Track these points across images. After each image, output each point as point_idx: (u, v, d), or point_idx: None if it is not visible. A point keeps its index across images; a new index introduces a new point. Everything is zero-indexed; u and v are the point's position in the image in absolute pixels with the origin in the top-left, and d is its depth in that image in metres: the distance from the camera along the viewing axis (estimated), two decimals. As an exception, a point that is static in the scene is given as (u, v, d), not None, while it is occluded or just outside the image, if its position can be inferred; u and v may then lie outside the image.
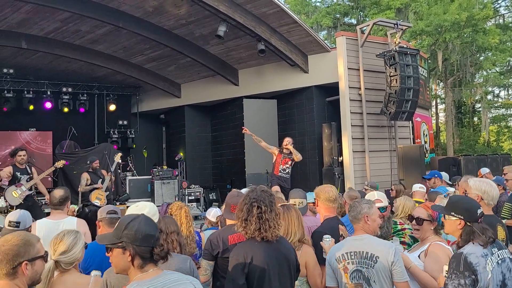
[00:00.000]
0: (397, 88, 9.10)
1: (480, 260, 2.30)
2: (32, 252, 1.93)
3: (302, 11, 23.46)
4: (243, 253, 2.52)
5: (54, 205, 3.84)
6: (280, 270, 2.55)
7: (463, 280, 2.24)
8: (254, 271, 2.47)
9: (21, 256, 1.88)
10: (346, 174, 9.80)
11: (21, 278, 1.88)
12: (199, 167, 13.49)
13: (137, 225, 1.95)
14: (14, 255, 1.87)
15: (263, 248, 2.53)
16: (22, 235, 1.97)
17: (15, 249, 1.88)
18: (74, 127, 12.44)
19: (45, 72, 12.58)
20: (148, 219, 2.04)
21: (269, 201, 2.60)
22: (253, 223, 2.53)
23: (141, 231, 1.93)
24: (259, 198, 2.58)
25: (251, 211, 2.55)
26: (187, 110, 13.63)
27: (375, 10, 21.73)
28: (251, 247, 2.54)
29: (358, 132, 9.94)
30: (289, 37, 10.04)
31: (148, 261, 1.94)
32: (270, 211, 2.55)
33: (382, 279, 2.66)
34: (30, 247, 1.93)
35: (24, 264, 1.88)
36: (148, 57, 11.95)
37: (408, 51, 9.34)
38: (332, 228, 3.30)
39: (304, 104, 11.05)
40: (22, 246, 1.90)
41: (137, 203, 2.43)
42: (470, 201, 2.59)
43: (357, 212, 2.88)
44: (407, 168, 9.35)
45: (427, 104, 13.53)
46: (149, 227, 1.98)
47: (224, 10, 8.70)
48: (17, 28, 10.04)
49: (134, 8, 9.33)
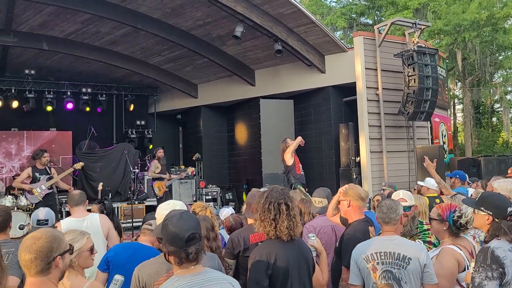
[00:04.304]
0: (416, 88, 9.01)
1: (508, 254, 2.32)
2: (62, 246, 1.98)
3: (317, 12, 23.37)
4: (266, 254, 2.46)
5: (74, 203, 3.92)
6: (300, 270, 2.53)
7: (490, 273, 2.26)
8: (278, 272, 2.43)
9: (54, 251, 1.92)
10: (364, 175, 9.74)
11: (54, 273, 1.92)
12: (215, 167, 13.56)
13: (171, 223, 1.98)
14: (49, 251, 1.91)
15: (286, 248, 2.50)
16: (50, 231, 2.01)
17: (49, 245, 1.92)
18: (93, 127, 12.61)
19: (65, 73, 12.81)
20: (183, 219, 2.01)
21: (290, 199, 2.59)
22: (285, 221, 2.48)
23: (172, 232, 1.95)
24: (283, 196, 2.55)
25: (279, 209, 2.50)
26: (204, 110, 13.71)
27: (392, 10, 21.52)
28: (274, 247, 2.50)
29: (375, 133, 9.87)
30: (306, 37, 10.03)
31: (184, 260, 1.95)
32: (294, 207, 2.55)
33: (414, 280, 2.66)
34: (61, 242, 1.98)
35: (58, 259, 1.93)
36: (165, 58, 12.08)
37: (426, 51, 9.24)
38: (363, 231, 3.18)
39: (321, 104, 11.02)
40: (54, 241, 1.94)
41: (168, 201, 2.44)
42: (501, 198, 2.59)
43: (397, 214, 2.83)
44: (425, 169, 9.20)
45: (445, 104, 13.36)
46: (180, 228, 1.96)
47: (241, 11, 8.74)
48: (39, 30, 10.26)
49: (152, 9, 9.44)
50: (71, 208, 3.91)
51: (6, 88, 12.08)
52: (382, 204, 2.91)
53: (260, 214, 2.55)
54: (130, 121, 14.20)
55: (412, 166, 10.00)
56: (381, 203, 2.92)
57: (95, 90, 13.36)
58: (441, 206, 3.00)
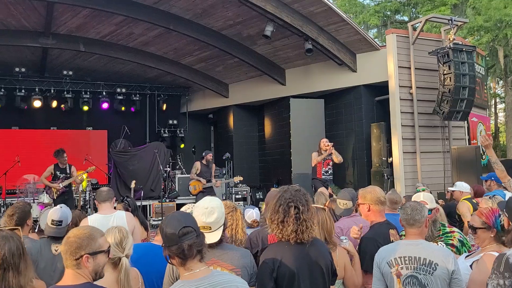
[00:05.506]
0: (451, 87, 8.71)
1: None
2: (94, 246, 2.01)
3: (350, 11, 22.99)
4: (272, 256, 2.42)
5: (102, 199, 4.03)
6: (311, 274, 2.43)
7: (502, 281, 2.13)
8: (283, 275, 2.37)
9: (82, 249, 1.97)
10: (396, 176, 9.51)
11: (83, 269, 1.98)
12: (246, 167, 13.60)
13: (163, 226, 1.99)
14: (77, 247, 1.97)
15: (294, 252, 2.43)
16: (88, 229, 2.07)
17: (78, 242, 1.98)
18: (127, 126, 12.94)
19: (101, 74, 13.21)
20: (173, 217, 2.02)
21: (305, 200, 2.49)
22: (291, 224, 2.41)
23: (165, 232, 1.95)
24: (295, 197, 2.46)
25: (287, 211, 2.43)
26: (235, 110, 13.78)
27: (429, 6, 20.88)
28: (281, 250, 2.44)
29: (408, 133, 9.61)
30: (337, 35, 9.89)
31: (182, 257, 1.93)
32: (307, 211, 2.46)
33: (441, 286, 2.57)
34: (92, 241, 2.01)
35: (85, 257, 1.97)
36: (197, 58, 12.22)
37: (463, 48, 8.91)
38: (383, 234, 3.14)
39: (352, 103, 10.84)
40: (84, 239, 1.99)
41: (206, 203, 2.40)
42: None
43: (421, 216, 2.73)
44: (461, 171, 8.91)
45: (484, 103, 12.84)
46: (170, 227, 1.95)
47: (271, 10, 8.72)
48: (76, 32, 10.61)
49: (184, 10, 9.57)
50: (99, 204, 4.02)
51: (45, 88, 12.59)
52: (406, 205, 2.81)
53: (271, 215, 2.51)
54: (162, 120, 14.49)
55: (448, 167, 9.68)
56: (405, 205, 2.83)
57: (129, 90, 13.71)
58: (482, 212, 2.77)
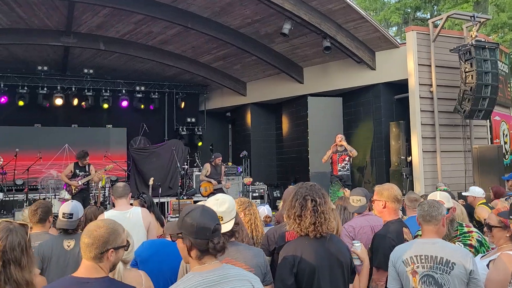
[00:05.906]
0: (473, 85, 8.51)
1: None
2: (118, 241, 2.06)
3: (370, 8, 22.74)
4: (292, 252, 2.41)
5: (118, 195, 4.08)
6: (331, 271, 2.42)
7: None
8: (303, 271, 2.36)
9: (109, 244, 2.01)
10: (415, 175, 9.36)
11: (105, 262, 2.02)
12: (263, 165, 13.60)
13: (194, 217, 1.95)
14: (104, 241, 2.00)
15: (314, 247, 2.42)
16: (112, 223, 2.11)
17: (106, 236, 2.01)
18: (146, 124, 13.09)
19: (121, 72, 13.39)
20: (206, 211, 2.01)
21: (321, 193, 2.50)
22: (308, 217, 2.41)
23: (197, 224, 1.92)
24: (311, 191, 2.48)
25: (305, 205, 2.44)
26: (253, 108, 13.79)
27: (450, 3, 20.49)
28: (301, 245, 2.43)
29: (428, 131, 9.45)
30: (356, 33, 9.78)
31: (205, 253, 1.93)
32: (324, 203, 2.46)
33: (458, 286, 2.51)
34: (117, 236, 2.06)
35: (111, 251, 2.01)
36: (215, 56, 12.26)
37: (486, 45, 8.69)
38: (397, 231, 3.10)
39: (370, 102, 10.71)
40: (112, 234, 2.03)
41: (217, 196, 2.39)
42: None
43: (439, 213, 2.68)
44: (483, 170, 8.72)
45: (508, 102, 12.52)
46: (206, 220, 1.94)
47: (289, 8, 8.68)
48: (96, 31, 10.77)
49: (202, 8, 9.61)
50: (115, 200, 4.08)
51: (67, 86, 12.83)
52: (424, 202, 2.77)
53: (287, 211, 2.52)
54: (181, 118, 14.61)
55: (469, 167, 9.49)
56: (422, 202, 2.79)
57: (148, 88, 13.86)
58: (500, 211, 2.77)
